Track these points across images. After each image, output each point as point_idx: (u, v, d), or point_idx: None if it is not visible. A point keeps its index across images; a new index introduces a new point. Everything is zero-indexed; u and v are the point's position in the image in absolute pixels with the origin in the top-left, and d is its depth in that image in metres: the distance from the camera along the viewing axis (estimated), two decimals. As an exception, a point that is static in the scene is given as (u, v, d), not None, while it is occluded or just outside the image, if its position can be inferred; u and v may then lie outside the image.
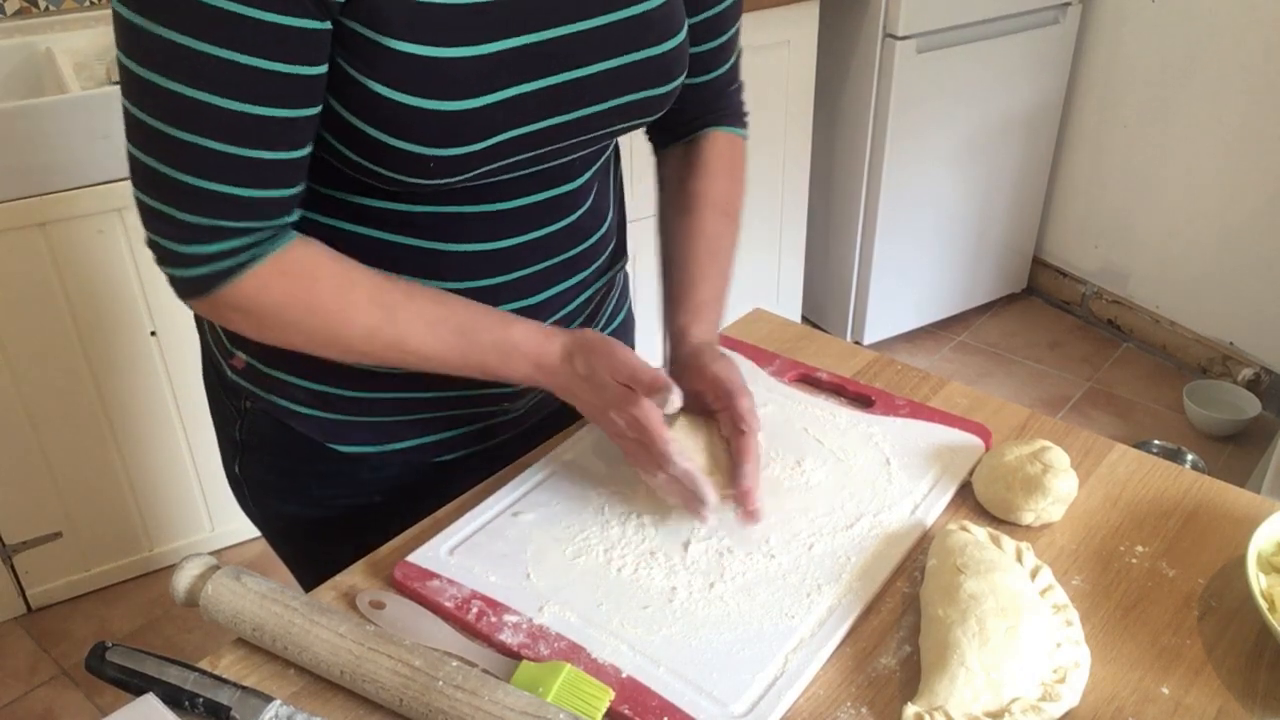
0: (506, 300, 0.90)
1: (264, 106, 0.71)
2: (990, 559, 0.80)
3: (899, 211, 2.71)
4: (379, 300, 0.81)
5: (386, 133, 0.76)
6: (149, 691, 0.73)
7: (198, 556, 0.82)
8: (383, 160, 0.78)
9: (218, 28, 0.68)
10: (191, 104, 0.69)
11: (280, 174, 0.75)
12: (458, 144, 0.77)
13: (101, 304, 1.90)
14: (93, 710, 1.93)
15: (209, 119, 0.70)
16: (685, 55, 0.90)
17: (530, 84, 0.79)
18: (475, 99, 0.77)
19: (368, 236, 0.86)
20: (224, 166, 0.72)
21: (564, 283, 0.94)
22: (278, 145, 0.74)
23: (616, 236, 1.03)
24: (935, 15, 2.47)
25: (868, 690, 0.75)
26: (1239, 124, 2.56)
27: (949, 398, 1.06)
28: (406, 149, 0.76)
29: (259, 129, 0.72)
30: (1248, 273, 2.64)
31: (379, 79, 0.74)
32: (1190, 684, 0.76)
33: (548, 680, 0.73)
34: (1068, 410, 2.72)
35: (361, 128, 0.76)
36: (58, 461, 2.00)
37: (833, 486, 0.92)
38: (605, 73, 0.83)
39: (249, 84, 0.70)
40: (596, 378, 0.82)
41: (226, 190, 0.73)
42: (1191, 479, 0.95)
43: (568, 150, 0.86)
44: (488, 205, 0.86)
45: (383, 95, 0.74)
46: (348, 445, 0.95)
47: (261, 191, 0.75)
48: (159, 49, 0.68)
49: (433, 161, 0.77)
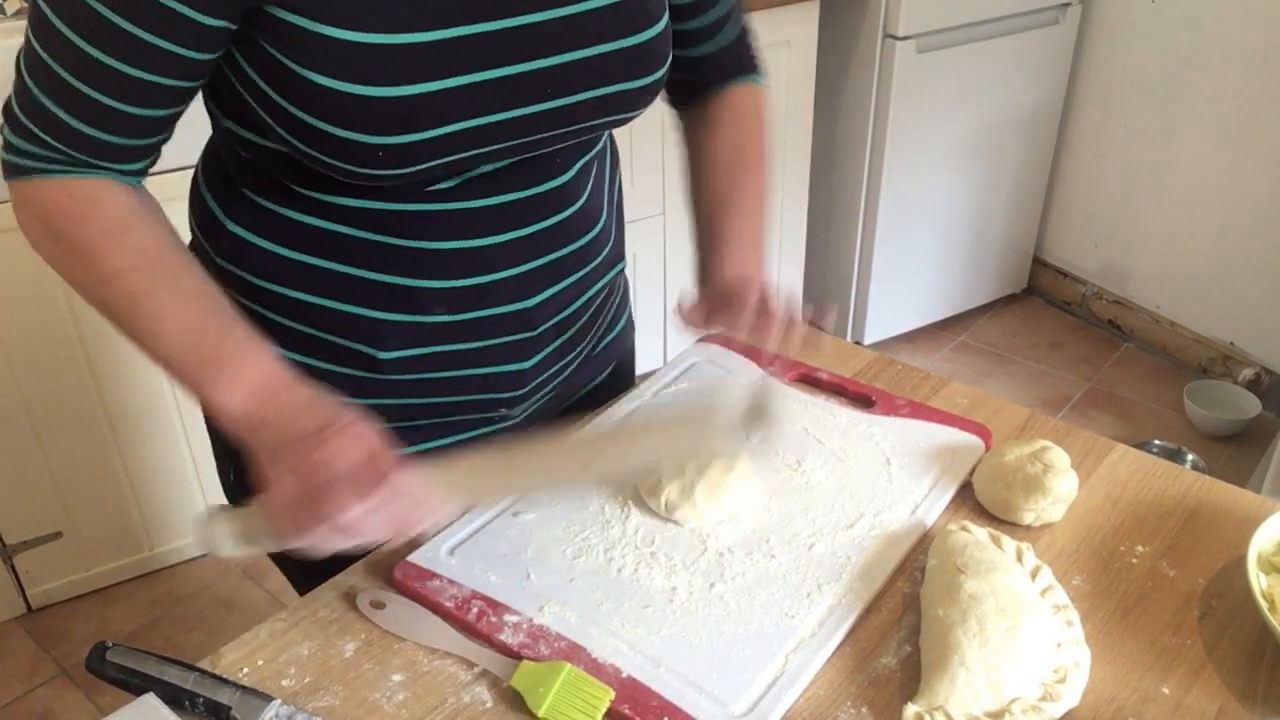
0: (496, 303, 0.89)
1: (136, 69, 0.73)
2: (990, 559, 0.80)
3: (899, 211, 2.71)
4: (145, 249, 0.79)
5: (329, 122, 0.76)
6: (149, 691, 0.73)
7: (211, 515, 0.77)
8: (332, 151, 0.77)
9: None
10: (68, 44, 0.72)
11: (125, 123, 0.76)
12: (404, 131, 0.77)
13: (102, 304, 1.90)
14: (93, 710, 1.93)
15: (79, 61, 0.72)
16: (666, 46, 0.88)
17: (485, 73, 0.78)
18: (419, 85, 0.76)
19: (346, 235, 0.85)
20: (74, 102, 0.74)
21: (557, 285, 0.92)
22: (133, 102, 0.75)
23: (614, 238, 1.01)
24: (935, 15, 2.47)
25: (868, 690, 0.75)
26: (1239, 124, 2.56)
27: (949, 398, 1.06)
28: (351, 138, 0.76)
29: (124, 85, 0.74)
30: (1248, 273, 2.64)
31: (315, 68, 0.74)
32: (1190, 684, 0.76)
33: (548, 680, 0.73)
34: (1068, 410, 2.72)
35: (305, 119, 0.76)
36: (58, 461, 2.00)
37: (833, 486, 0.92)
38: (572, 64, 0.81)
39: (128, 48, 0.72)
40: (324, 421, 0.73)
41: (69, 121, 0.75)
42: (1192, 479, 0.95)
43: (543, 144, 0.85)
44: (465, 202, 0.85)
45: (321, 84, 0.74)
46: None
47: (100, 133, 0.76)
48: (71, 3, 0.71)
49: (381, 150, 0.77)
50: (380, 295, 0.87)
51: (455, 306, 0.88)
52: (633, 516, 0.89)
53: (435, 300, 0.88)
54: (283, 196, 0.85)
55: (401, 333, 0.88)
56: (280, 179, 0.84)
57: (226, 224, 0.89)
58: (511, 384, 0.94)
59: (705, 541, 0.86)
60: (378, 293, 0.87)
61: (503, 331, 0.91)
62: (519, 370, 0.94)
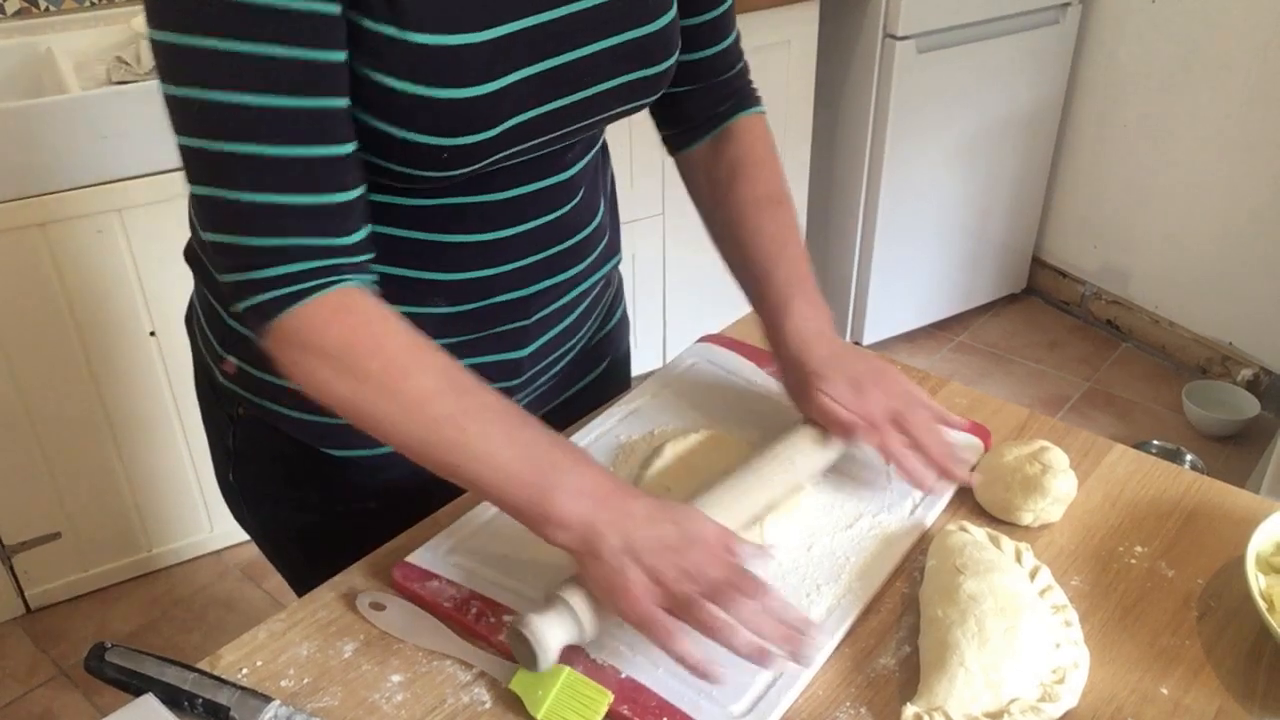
0: (500, 292, 0.90)
1: (298, 98, 0.70)
2: (989, 559, 0.80)
3: (899, 211, 2.71)
4: (448, 371, 0.75)
5: (398, 126, 0.75)
6: (148, 692, 0.73)
7: None
8: (394, 155, 0.77)
9: (241, 22, 0.67)
10: (234, 109, 0.68)
11: (329, 172, 0.73)
12: (471, 132, 0.77)
13: (101, 304, 1.90)
14: (92, 710, 1.93)
15: (252, 121, 0.69)
16: (676, 33, 0.89)
17: (535, 66, 0.79)
18: (485, 85, 0.76)
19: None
20: (275, 171, 0.70)
21: (556, 277, 0.93)
22: (319, 140, 0.72)
23: (609, 233, 1.02)
24: (935, 15, 2.47)
25: (867, 690, 0.75)
26: (1239, 124, 2.56)
27: (948, 398, 1.06)
28: (419, 141, 0.76)
29: (297, 121, 0.70)
30: (1247, 273, 2.64)
31: (386, 71, 0.73)
32: (1189, 684, 0.76)
33: (547, 683, 0.73)
34: (1067, 410, 2.72)
35: (371, 123, 0.75)
36: (58, 461, 2.00)
37: (832, 486, 0.92)
38: (603, 52, 0.83)
39: (280, 76, 0.69)
40: (680, 524, 0.73)
41: (282, 200, 0.71)
42: (1191, 479, 0.95)
43: (570, 135, 0.86)
44: (484, 196, 0.86)
45: (392, 88, 0.74)
46: (342, 450, 0.95)
47: (315, 197, 0.72)
48: (192, 59, 0.68)
49: (446, 152, 0.77)
50: (383, 285, 0.87)
51: (454, 299, 0.89)
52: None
53: (435, 292, 0.88)
54: None
55: None
56: None
57: None
58: (508, 373, 0.95)
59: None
60: (382, 283, 0.87)
61: (499, 321, 0.91)
62: (516, 359, 0.94)
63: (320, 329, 0.73)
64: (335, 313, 0.73)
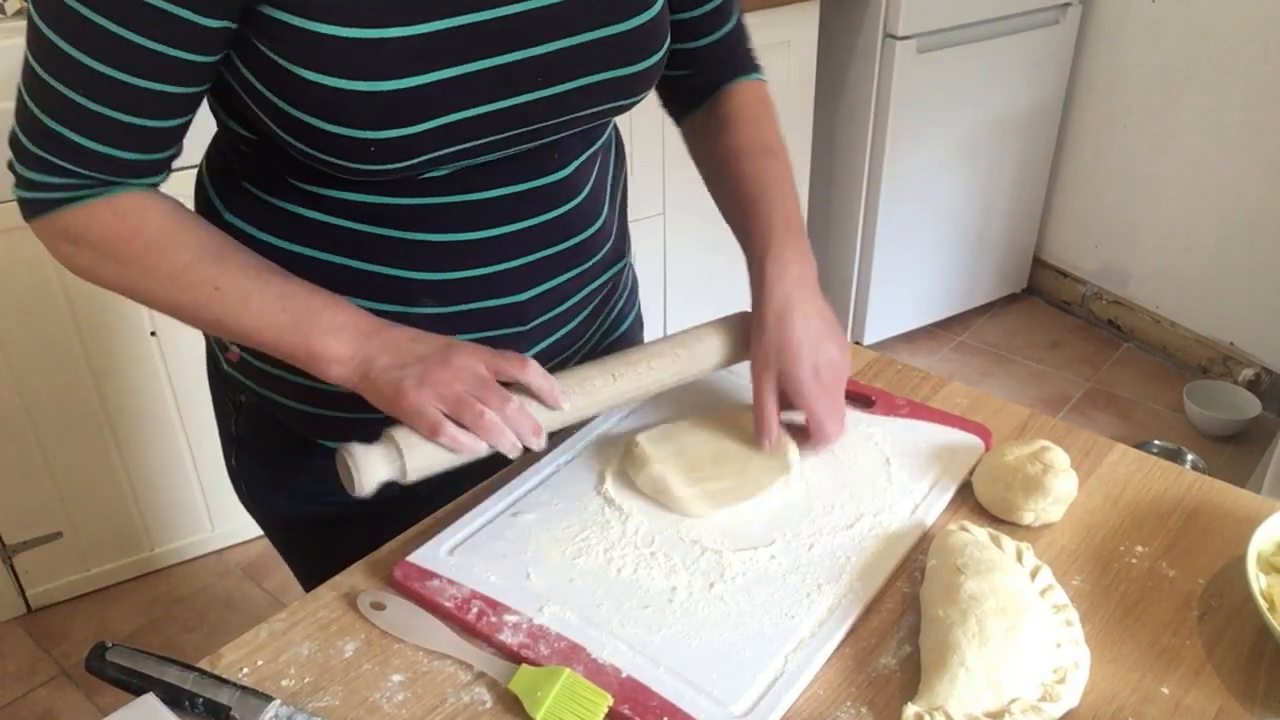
0: (497, 294, 0.90)
1: (143, 80, 0.73)
2: (990, 559, 0.80)
3: (899, 211, 2.71)
4: (206, 244, 0.81)
5: (320, 118, 0.76)
6: (149, 691, 0.73)
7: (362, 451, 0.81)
8: (325, 147, 0.78)
9: (116, 6, 0.70)
10: (73, 62, 0.72)
11: (137, 137, 0.77)
12: (396, 126, 0.77)
13: (101, 304, 1.90)
14: (93, 710, 1.93)
15: (86, 79, 0.73)
16: (661, 31, 0.87)
17: (474, 64, 0.78)
18: (408, 79, 0.76)
19: (340, 227, 0.86)
20: (86, 121, 0.74)
21: (558, 277, 0.93)
22: (141, 113, 0.75)
23: (616, 234, 1.01)
24: (935, 15, 2.47)
25: (868, 690, 0.75)
26: (1239, 124, 2.56)
27: (949, 398, 1.06)
28: (342, 133, 0.76)
29: (128, 96, 0.74)
30: (1248, 273, 2.64)
31: (305, 64, 0.74)
32: (1190, 684, 0.76)
33: (546, 685, 0.73)
34: (1068, 410, 2.72)
35: (296, 114, 0.76)
36: (58, 461, 2.00)
37: (833, 486, 0.92)
38: (562, 51, 0.81)
39: (130, 57, 0.72)
40: (440, 339, 0.81)
41: (82, 141, 0.75)
42: (1191, 479, 0.95)
43: (538, 134, 0.85)
44: (464, 195, 0.85)
45: (311, 80, 0.75)
46: (337, 442, 0.94)
47: (115, 151, 0.76)
48: (60, 9, 0.71)
49: (373, 145, 0.77)
50: (371, 286, 0.87)
51: (445, 299, 0.89)
52: (633, 516, 0.89)
53: (424, 292, 0.88)
54: (281, 190, 0.86)
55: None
56: (279, 173, 0.85)
57: (225, 215, 0.89)
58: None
59: (704, 542, 0.86)
60: (369, 284, 0.87)
61: (492, 325, 0.91)
62: None
63: (85, 224, 0.79)
64: (99, 211, 0.79)
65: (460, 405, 0.78)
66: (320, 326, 0.80)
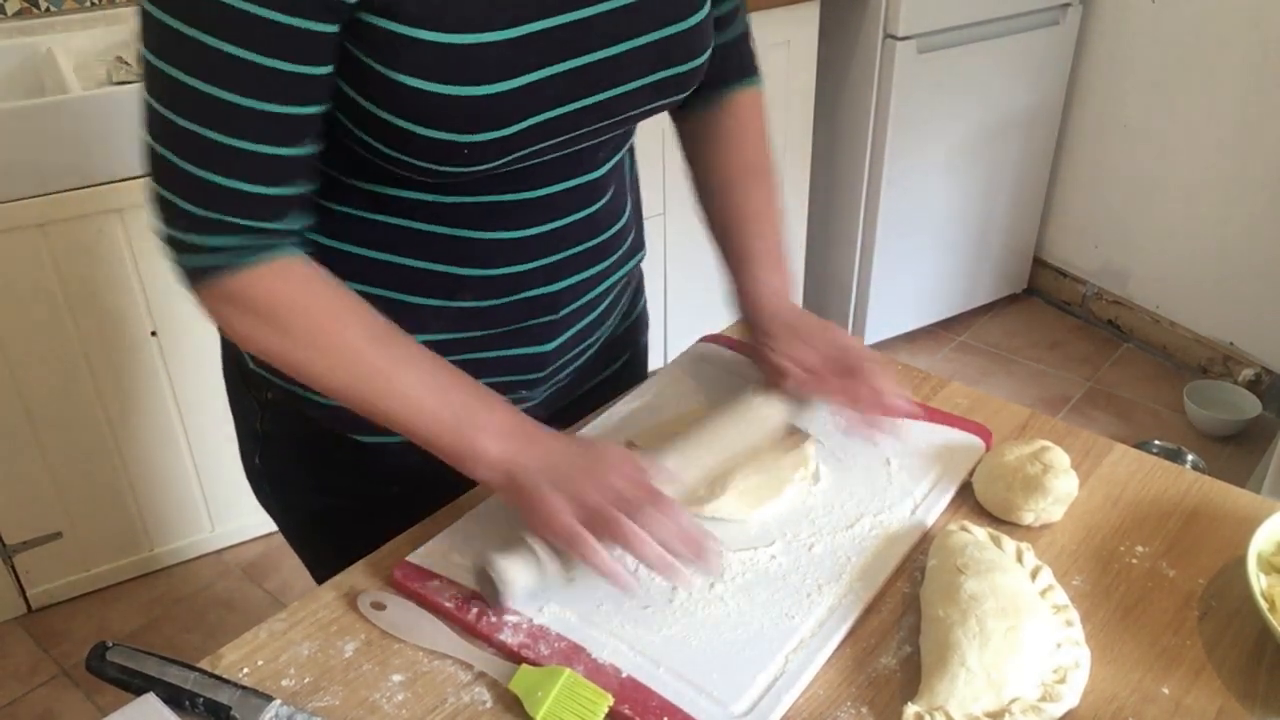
0: (529, 288, 0.91)
1: (269, 103, 0.73)
2: (990, 559, 0.80)
3: (899, 211, 2.71)
4: (373, 327, 0.81)
5: (415, 122, 0.77)
6: (149, 691, 0.73)
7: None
8: (415, 150, 0.79)
9: (231, 26, 0.70)
10: (203, 97, 0.72)
11: (282, 170, 0.76)
12: (490, 129, 0.79)
13: (101, 304, 1.90)
14: (93, 710, 1.93)
15: (218, 112, 0.72)
16: (709, 30, 0.91)
17: (559, 66, 0.80)
18: (503, 83, 0.78)
19: (396, 226, 0.87)
20: (231, 160, 0.74)
21: (583, 272, 0.95)
22: (280, 141, 0.75)
23: (635, 230, 1.04)
24: (935, 15, 2.47)
25: (868, 690, 0.75)
26: (1239, 124, 2.56)
27: (949, 398, 1.06)
28: (437, 137, 0.78)
29: (263, 124, 0.73)
30: (1248, 273, 2.64)
31: (403, 70, 0.75)
32: (1190, 684, 0.76)
33: (546, 685, 0.73)
34: (1068, 410, 2.72)
35: (390, 120, 0.77)
36: (58, 461, 2.00)
37: (833, 486, 0.92)
38: (632, 51, 0.84)
39: (256, 81, 0.72)
40: (591, 450, 0.81)
41: (232, 184, 0.74)
42: (1191, 479, 0.95)
43: (600, 133, 0.87)
44: (515, 194, 0.87)
45: (408, 85, 0.75)
46: (368, 435, 0.96)
47: (264, 188, 0.76)
48: (177, 44, 0.71)
49: (467, 148, 0.79)
50: (414, 282, 0.89)
51: (484, 293, 0.90)
52: (633, 517, 0.89)
53: (464, 286, 0.90)
54: (332, 190, 0.86)
55: (429, 317, 0.90)
56: (327, 172, 0.85)
57: None
58: (534, 366, 0.96)
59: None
60: (412, 279, 0.89)
61: (527, 316, 0.93)
62: (541, 353, 0.96)
63: (248, 290, 0.78)
64: (264, 278, 0.78)
65: (605, 522, 0.76)
66: (484, 429, 0.80)
